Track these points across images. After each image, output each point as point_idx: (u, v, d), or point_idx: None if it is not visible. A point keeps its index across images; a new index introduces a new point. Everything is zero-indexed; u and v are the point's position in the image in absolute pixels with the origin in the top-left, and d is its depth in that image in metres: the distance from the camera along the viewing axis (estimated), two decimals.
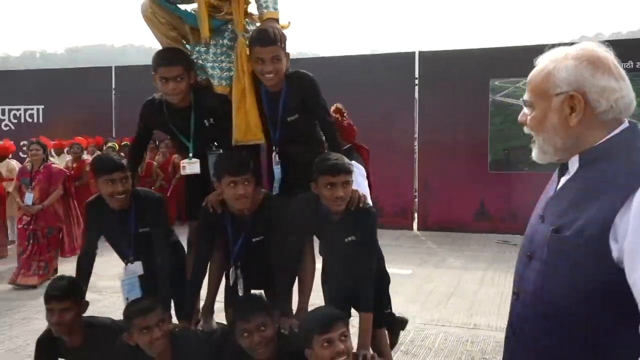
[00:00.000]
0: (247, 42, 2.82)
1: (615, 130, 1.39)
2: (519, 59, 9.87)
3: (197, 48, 2.95)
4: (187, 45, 3.01)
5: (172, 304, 3.15)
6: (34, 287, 6.40)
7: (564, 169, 1.49)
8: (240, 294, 2.96)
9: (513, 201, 9.85)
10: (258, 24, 2.93)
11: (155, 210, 3.04)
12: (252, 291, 3.07)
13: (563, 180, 1.48)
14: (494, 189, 9.97)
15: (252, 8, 2.95)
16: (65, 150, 10.03)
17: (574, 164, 1.44)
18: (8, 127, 13.19)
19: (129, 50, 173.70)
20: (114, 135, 12.10)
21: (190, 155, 2.96)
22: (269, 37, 2.68)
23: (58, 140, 10.19)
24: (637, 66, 9.09)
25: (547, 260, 1.40)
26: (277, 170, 2.93)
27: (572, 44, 1.50)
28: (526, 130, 1.52)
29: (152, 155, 10.52)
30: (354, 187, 2.91)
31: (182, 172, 3.01)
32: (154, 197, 3.08)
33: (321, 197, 2.76)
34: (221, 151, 3.05)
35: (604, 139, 1.39)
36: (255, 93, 2.84)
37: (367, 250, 2.83)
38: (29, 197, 6.58)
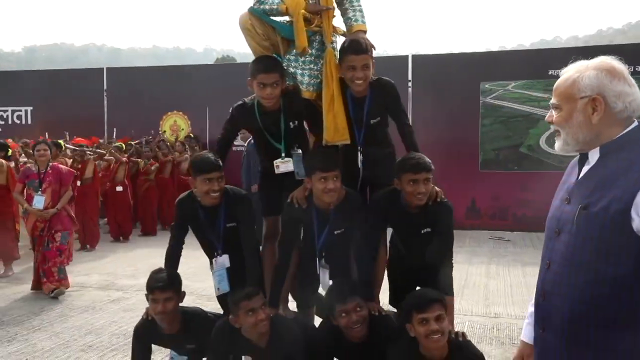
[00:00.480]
0: (335, 52, 3.09)
1: (628, 127, 1.70)
2: (509, 63, 10.49)
3: (287, 56, 3.21)
4: (274, 54, 3.24)
5: None
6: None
7: (584, 159, 1.79)
8: (326, 281, 3.23)
9: (502, 199, 10.34)
10: (339, 36, 3.21)
11: (243, 206, 3.25)
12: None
13: (585, 168, 1.77)
14: (484, 188, 10.40)
15: (335, 21, 3.22)
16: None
17: (594, 155, 1.74)
18: None
19: (90, 49, 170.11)
20: (105, 136, 12.14)
21: (283, 155, 3.21)
22: (361, 47, 2.97)
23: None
24: None
25: (576, 233, 1.69)
26: (362, 168, 3.21)
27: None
28: (552, 127, 1.83)
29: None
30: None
31: (277, 171, 3.24)
32: (241, 194, 3.29)
33: (403, 192, 3.05)
34: (300, 152, 3.31)
35: (621, 134, 1.70)
36: (341, 98, 3.10)
37: (445, 240, 3.13)
38: (39, 201, 6.14)
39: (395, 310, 3.34)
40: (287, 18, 3.16)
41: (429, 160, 3.05)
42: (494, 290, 6.37)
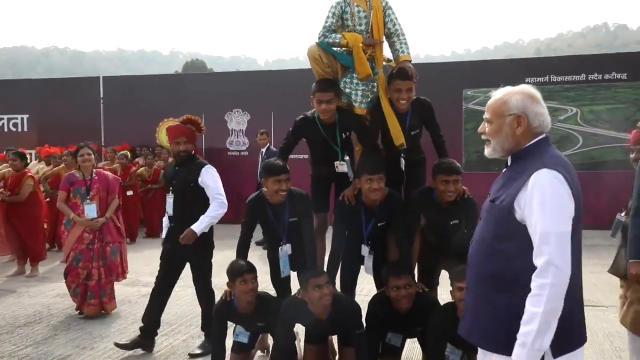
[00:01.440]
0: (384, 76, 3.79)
1: (534, 140, 2.21)
2: (489, 72, 11.34)
3: (343, 79, 3.88)
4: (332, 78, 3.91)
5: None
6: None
7: (506, 164, 2.34)
8: (370, 265, 3.88)
9: (484, 197, 11.10)
10: (384, 63, 3.90)
11: (304, 204, 3.88)
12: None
13: (504, 171, 2.33)
14: (468, 187, 11.12)
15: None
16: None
17: (509, 161, 2.29)
18: None
19: (52, 53, 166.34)
20: (102, 143, 12.53)
21: (340, 158, 3.87)
22: (406, 74, 3.67)
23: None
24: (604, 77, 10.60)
25: (485, 218, 2.29)
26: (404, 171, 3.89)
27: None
28: (483, 137, 2.34)
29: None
30: (214, 188, 4.31)
31: (337, 170, 3.91)
32: (302, 194, 3.92)
33: (437, 190, 3.73)
34: (347, 158, 3.96)
35: (528, 144, 2.21)
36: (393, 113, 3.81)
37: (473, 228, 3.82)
38: (91, 209, 5.61)
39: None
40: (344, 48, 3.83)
41: (458, 165, 3.75)
42: None
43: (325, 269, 3.88)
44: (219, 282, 6.82)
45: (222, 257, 7.26)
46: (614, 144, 10.62)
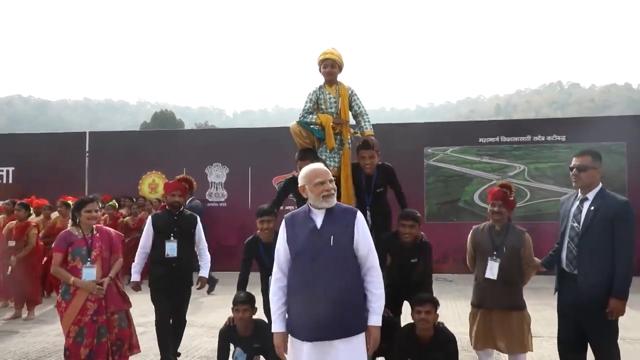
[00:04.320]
0: (349, 147, 4.83)
1: None
2: (447, 132, 12.62)
3: (319, 149, 4.95)
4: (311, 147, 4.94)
5: None
6: None
7: (317, 212, 3.25)
8: None
9: (445, 246, 12.13)
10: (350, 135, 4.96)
11: None
12: None
13: (321, 217, 3.23)
14: (430, 236, 12.06)
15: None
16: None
17: (323, 212, 3.22)
18: None
19: (15, 101, 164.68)
20: (85, 194, 13.18)
21: None
22: (369, 146, 4.74)
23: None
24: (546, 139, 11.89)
25: (333, 248, 3.13)
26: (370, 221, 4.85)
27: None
28: (332, 191, 3.24)
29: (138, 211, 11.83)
30: (203, 237, 5.55)
31: None
32: None
33: (399, 233, 4.68)
34: None
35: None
36: (353, 176, 4.82)
37: (429, 267, 4.78)
38: (90, 274, 4.73)
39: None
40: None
41: (416, 213, 4.73)
42: (446, 316, 7.98)
43: None
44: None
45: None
46: (557, 197, 11.83)
